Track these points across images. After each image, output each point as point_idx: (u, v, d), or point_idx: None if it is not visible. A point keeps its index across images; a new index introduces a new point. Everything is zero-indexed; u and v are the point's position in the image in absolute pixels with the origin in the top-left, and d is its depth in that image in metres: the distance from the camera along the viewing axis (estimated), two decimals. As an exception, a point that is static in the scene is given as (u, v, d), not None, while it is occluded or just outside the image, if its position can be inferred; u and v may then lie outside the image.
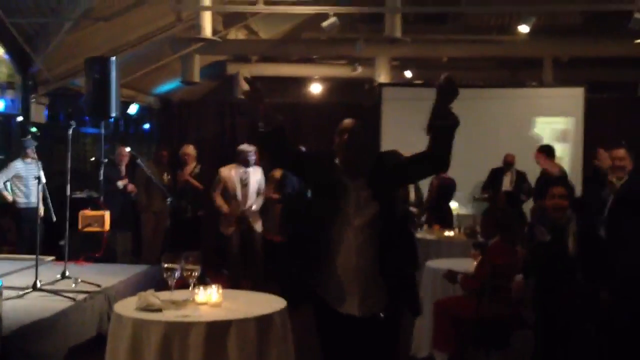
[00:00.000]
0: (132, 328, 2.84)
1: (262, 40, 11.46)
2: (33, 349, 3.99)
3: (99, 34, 9.25)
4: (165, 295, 3.13)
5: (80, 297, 4.78)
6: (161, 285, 5.19)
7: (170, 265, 3.13)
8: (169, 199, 7.71)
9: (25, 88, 8.95)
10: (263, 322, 2.96)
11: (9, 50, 8.60)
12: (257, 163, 7.71)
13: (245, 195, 7.51)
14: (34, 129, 6.72)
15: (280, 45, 11.23)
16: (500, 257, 4.74)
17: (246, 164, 7.55)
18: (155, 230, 8.55)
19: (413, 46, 9.63)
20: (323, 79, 13.52)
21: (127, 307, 3.05)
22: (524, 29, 9.10)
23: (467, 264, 5.18)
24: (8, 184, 7.68)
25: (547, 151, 7.43)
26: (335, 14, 8.24)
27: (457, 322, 4.80)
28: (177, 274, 3.13)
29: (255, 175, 7.62)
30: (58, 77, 9.42)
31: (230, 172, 7.57)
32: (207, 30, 9.07)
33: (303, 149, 3.66)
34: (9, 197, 7.68)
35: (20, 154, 7.76)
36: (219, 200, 7.55)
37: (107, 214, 6.93)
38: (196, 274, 3.17)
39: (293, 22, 11.39)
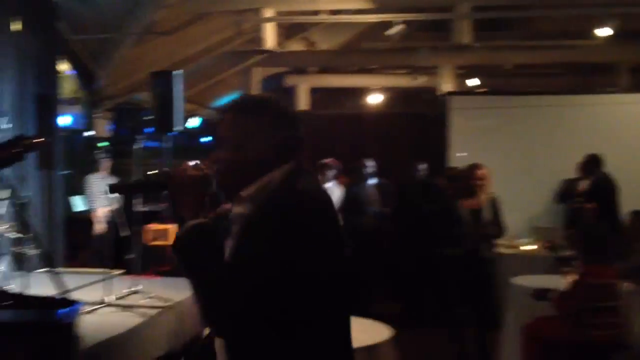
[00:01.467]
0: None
1: (323, 51, 11.34)
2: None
3: (160, 49, 9.30)
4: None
5: (152, 312, 4.65)
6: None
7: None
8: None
9: (89, 103, 9.03)
10: (371, 352, 2.73)
11: (74, 67, 8.68)
12: (338, 179, 7.52)
13: None
14: (105, 144, 6.70)
15: (341, 55, 11.08)
16: (596, 276, 4.41)
17: (324, 179, 7.32)
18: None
19: (480, 53, 9.33)
20: (382, 89, 13.32)
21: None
22: (605, 32, 8.66)
23: (554, 281, 4.86)
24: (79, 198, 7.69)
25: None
26: (400, 22, 8.03)
27: (549, 346, 4.48)
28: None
29: (335, 192, 7.39)
30: (121, 91, 9.50)
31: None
32: (269, 42, 9.00)
33: None
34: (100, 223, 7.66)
35: (93, 168, 7.80)
36: None
37: (171, 228, 6.89)
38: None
39: (352, 32, 11.23)
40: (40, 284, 4.56)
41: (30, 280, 5.08)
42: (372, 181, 7.64)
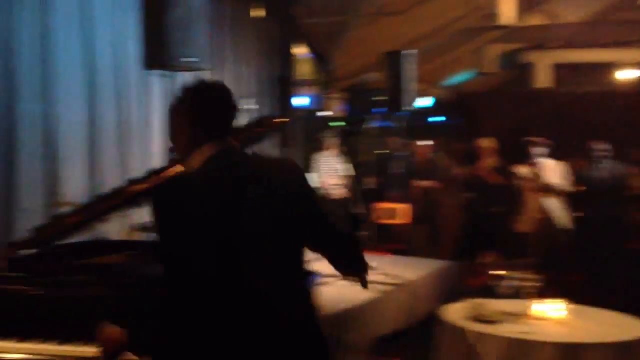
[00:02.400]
0: (467, 340, 2.47)
1: (566, 24, 10.46)
2: (344, 338, 3.91)
3: (392, 29, 9.26)
4: (497, 305, 2.70)
5: (385, 289, 4.60)
6: (457, 282, 4.80)
7: (500, 273, 2.70)
8: (468, 194, 7.42)
9: (324, 85, 9.31)
10: (628, 349, 2.37)
11: (309, 50, 9.00)
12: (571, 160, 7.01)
13: None
14: (337, 124, 6.83)
15: (588, 28, 10.13)
16: None
17: (537, 157, 6.93)
18: (452, 225, 8.23)
19: None
20: (635, 65, 11.97)
21: (456, 315, 2.68)
22: None
23: None
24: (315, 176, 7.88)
25: None
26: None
27: None
28: (510, 283, 2.70)
29: (554, 170, 6.95)
30: (354, 73, 9.66)
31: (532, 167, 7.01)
32: (506, 18, 8.52)
33: None
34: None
35: (322, 147, 7.98)
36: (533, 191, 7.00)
37: (402, 207, 6.86)
38: (535, 285, 2.70)
39: (602, 2, 10.20)
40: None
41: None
42: (605, 165, 7.00)
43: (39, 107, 4.43)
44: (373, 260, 5.09)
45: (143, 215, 3.26)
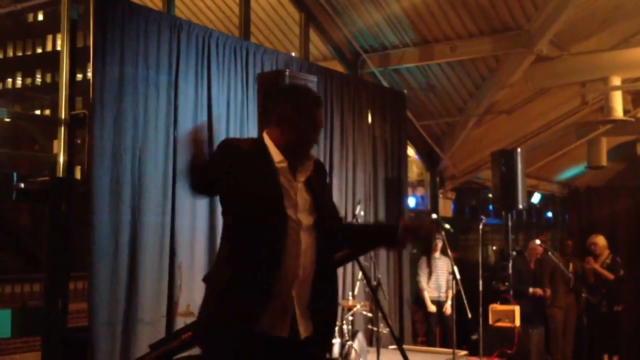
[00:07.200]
0: None
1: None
2: None
3: (501, 127, 9.42)
4: None
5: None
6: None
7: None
8: (583, 294, 7.28)
9: (433, 184, 9.52)
10: None
11: (419, 151, 9.30)
12: None
13: None
14: (447, 225, 6.99)
15: None
16: None
17: None
18: (564, 325, 7.99)
19: None
20: None
21: None
22: None
23: None
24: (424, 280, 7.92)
25: None
26: None
27: None
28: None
29: None
30: (463, 171, 9.80)
31: None
32: (618, 111, 8.48)
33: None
34: (429, 303, 7.84)
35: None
36: None
37: (517, 309, 6.78)
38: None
39: None
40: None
41: (381, 357, 5.49)
42: None
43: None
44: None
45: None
